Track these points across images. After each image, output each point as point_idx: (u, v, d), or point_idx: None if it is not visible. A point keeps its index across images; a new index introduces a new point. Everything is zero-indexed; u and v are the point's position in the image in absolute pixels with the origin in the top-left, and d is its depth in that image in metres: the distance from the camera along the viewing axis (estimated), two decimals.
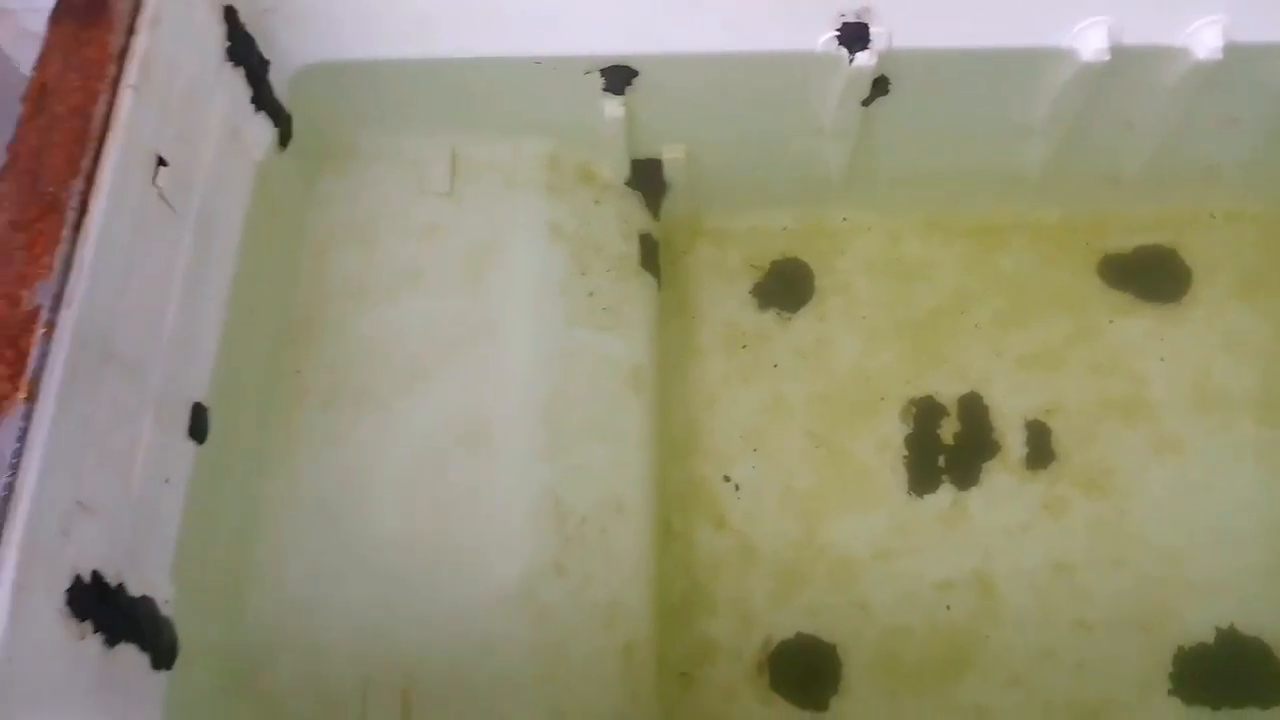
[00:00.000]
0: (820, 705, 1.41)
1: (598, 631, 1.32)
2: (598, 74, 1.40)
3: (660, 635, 1.42)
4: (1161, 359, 1.58)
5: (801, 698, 1.42)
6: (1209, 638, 1.42)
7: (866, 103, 1.42)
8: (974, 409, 1.56)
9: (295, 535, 1.31)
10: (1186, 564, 1.45)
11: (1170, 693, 1.39)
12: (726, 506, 1.52)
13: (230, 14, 1.26)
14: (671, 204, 1.64)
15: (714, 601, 1.47)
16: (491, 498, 1.34)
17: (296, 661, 1.26)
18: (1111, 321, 1.60)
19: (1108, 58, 1.31)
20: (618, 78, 1.40)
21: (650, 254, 1.59)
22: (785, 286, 1.66)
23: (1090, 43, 1.31)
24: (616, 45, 1.37)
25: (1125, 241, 1.65)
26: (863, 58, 1.33)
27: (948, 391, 1.57)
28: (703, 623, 1.46)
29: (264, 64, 1.33)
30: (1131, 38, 1.33)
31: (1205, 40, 1.31)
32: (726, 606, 1.46)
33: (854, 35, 1.32)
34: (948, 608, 1.45)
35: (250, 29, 1.30)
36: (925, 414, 1.56)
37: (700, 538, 1.50)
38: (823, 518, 1.50)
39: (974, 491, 1.51)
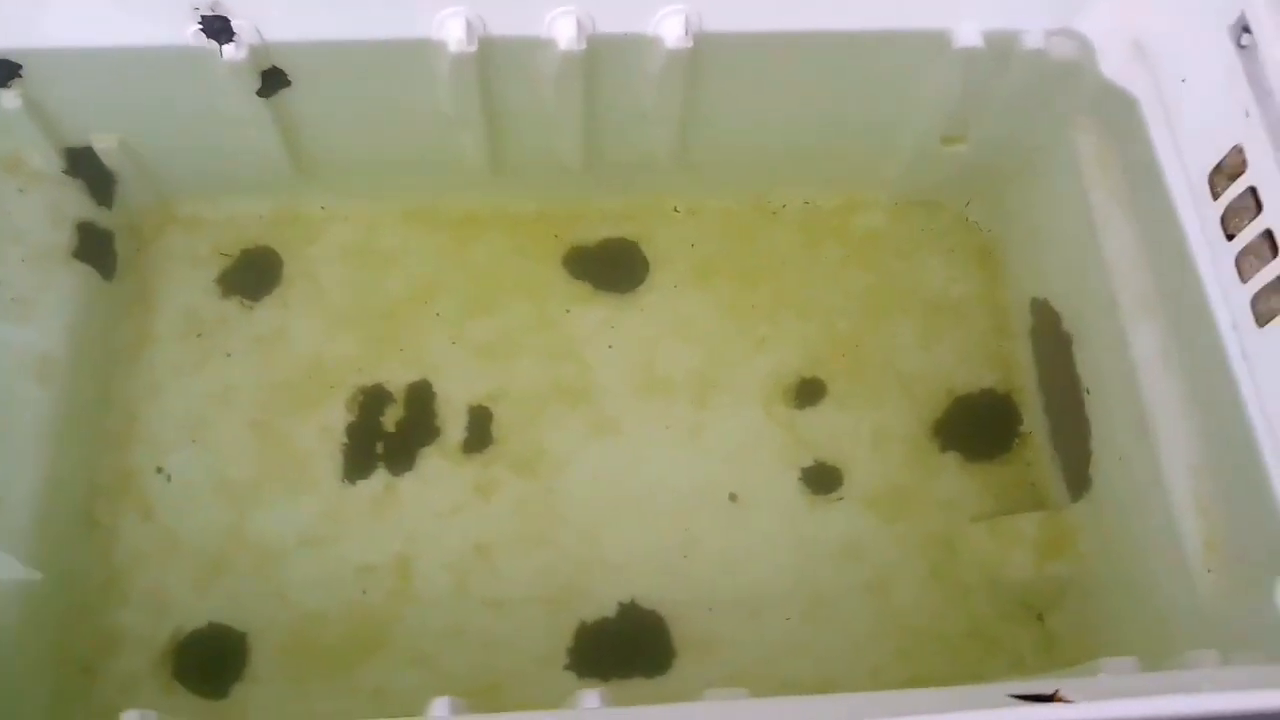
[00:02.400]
0: (220, 693, 1.41)
1: None
2: None
3: (67, 629, 1.40)
4: (610, 346, 1.64)
5: (202, 686, 1.42)
6: (611, 612, 1.48)
7: (265, 94, 1.43)
8: (421, 396, 1.59)
9: None
10: (603, 542, 1.52)
11: (566, 667, 1.45)
12: (156, 497, 1.51)
13: None
14: (128, 192, 1.61)
15: (129, 593, 1.45)
16: None
17: None
18: (569, 311, 1.66)
19: (472, 49, 1.35)
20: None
21: (93, 242, 1.56)
22: (252, 274, 1.65)
23: (453, 33, 1.35)
24: None
25: (592, 234, 1.71)
26: (230, 50, 1.34)
27: (398, 380, 1.60)
28: (114, 614, 1.44)
29: None
30: (605, 26, 1.37)
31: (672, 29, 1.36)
32: (141, 598, 1.45)
33: (217, 28, 1.33)
34: (364, 592, 1.47)
35: None
36: (371, 402, 1.58)
37: (125, 528, 1.49)
38: (254, 507, 1.51)
39: (407, 476, 1.54)
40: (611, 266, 1.70)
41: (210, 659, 1.43)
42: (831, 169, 1.70)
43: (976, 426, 1.60)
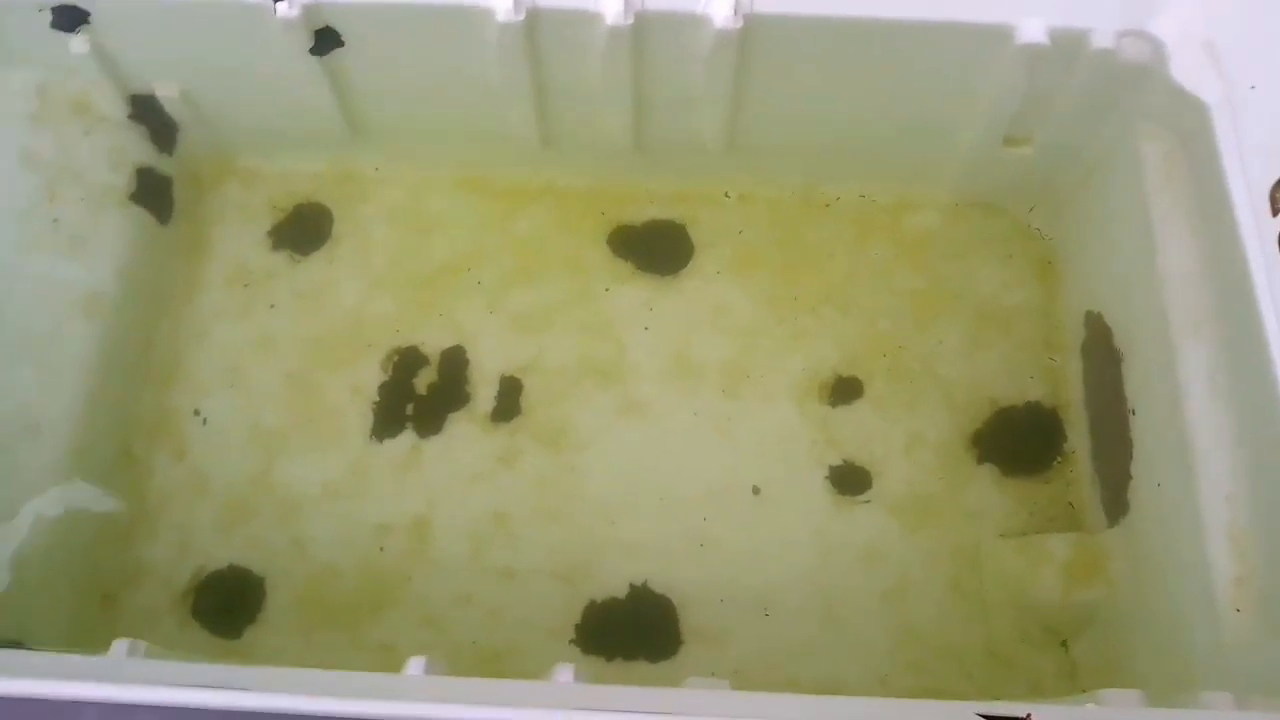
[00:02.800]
0: (234, 634, 1.45)
1: None
2: (49, 12, 1.42)
3: (93, 558, 1.45)
4: (646, 327, 1.63)
5: (217, 625, 1.45)
6: (622, 593, 1.47)
7: (318, 52, 1.45)
8: (455, 362, 1.60)
9: None
10: (621, 523, 1.51)
11: (571, 642, 1.44)
12: (191, 439, 1.55)
13: None
14: (189, 141, 1.65)
15: (157, 529, 1.50)
16: None
17: None
18: (608, 289, 1.65)
19: (520, 18, 1.35)
20: (67, 17, 1.43)
21: (151, 187, 1.61)
22: (303, 230, 1.68)
23: (501, 1, 1.35)
24: None
25: (640, 214, 1.70)
26: (283, 8, 1.36)
27: (434, 344, 1.61)
28: (141, 548, 1.49)
29: None
30: (654, 2, 1.36)
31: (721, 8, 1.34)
32: (169, 534, 1.50)
33: None
34: (381, 549, 1.49)
35: None
36: (405, 363, 1.59)
37: (158, 466, 1.53)
38: (282, 456, 1.54)
39: (434, 439, 1.55)
40: (656, 248, 1.68)
41: (228, 600, 1.46)
42: (888, 164, 1.66)
43: (1017, 440, 1.54)
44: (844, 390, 1.58)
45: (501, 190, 1.71)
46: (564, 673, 0.97)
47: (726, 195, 1.70)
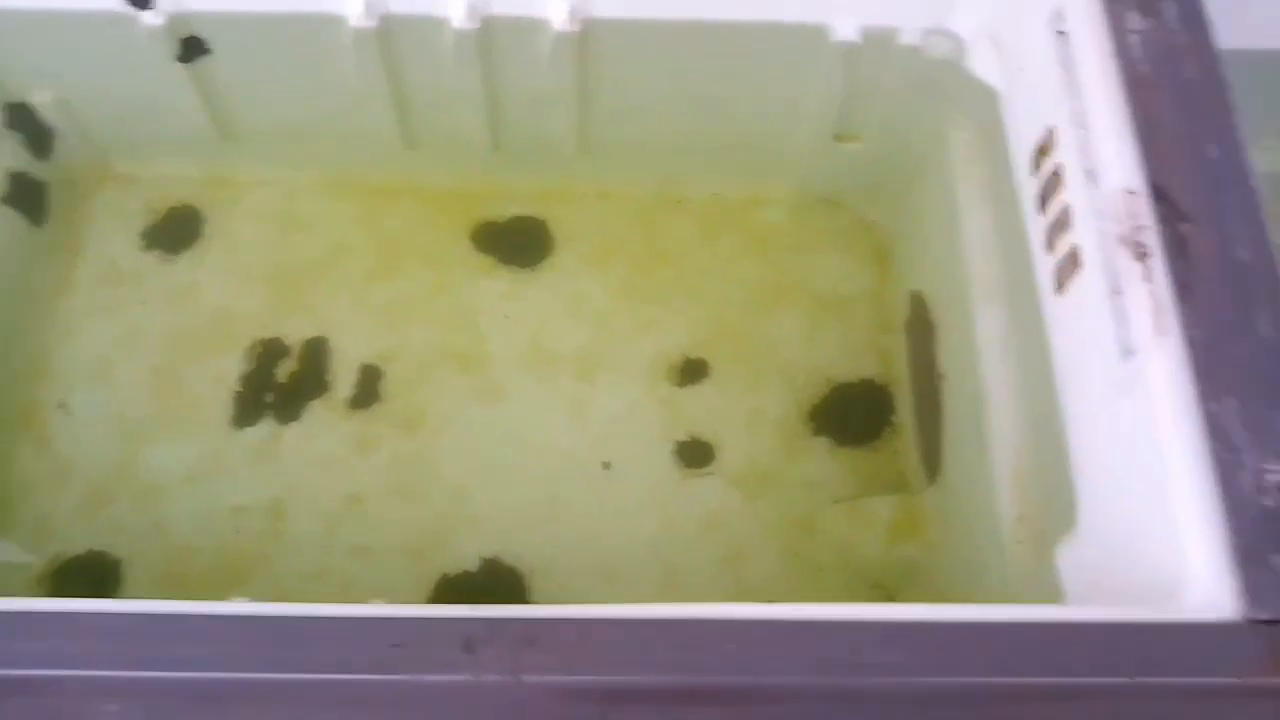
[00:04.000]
0: None
1: None
2: None
3: None
4: (506, 317, 1.70)
5: None
6: (474, 566, 1.53)
7: (185, 60, 1.52)
8: (316, 352, 1.66)
9: None
10: (474, 499, 1.57)
11: None
12: (54, 430, 1.59)
13: None
14: (67, 147, 1.71)
15: (17, 520, 1.53)
16: None
17: None
18: (470, 282, 1.73)
19: (372, 24, 1.44)
20: None
21: (25, 191, 1.66)
22: (175, 231, 1.74)
23: (352, 8, 1.44)
24: None
25: (503, 210, 1.79)
26: (149, 17, 1.44)
27: (296, 335, 1.67)
28: None
29: None
30: (499, 7, 1.45)
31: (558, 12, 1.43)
32: (27, 523, 1.53)
33: None
34: (237, 530, 1.53)
35: None
36: (267, 353, 1.65)
37: (19, 457, 1.57)
38: (145, 444, 1.58)
39: (293, 426, 1.61)
40: (518, 243, 1.76)
41: (86, 583, 1.49)
42: (737, 163, 1.76)
43: (851, 414, 1.64)
44: (691, 372, 1.67)
45: (368, 190, 1.79)
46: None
47: (586, 194, 1.80)
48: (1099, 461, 1.03)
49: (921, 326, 1.56)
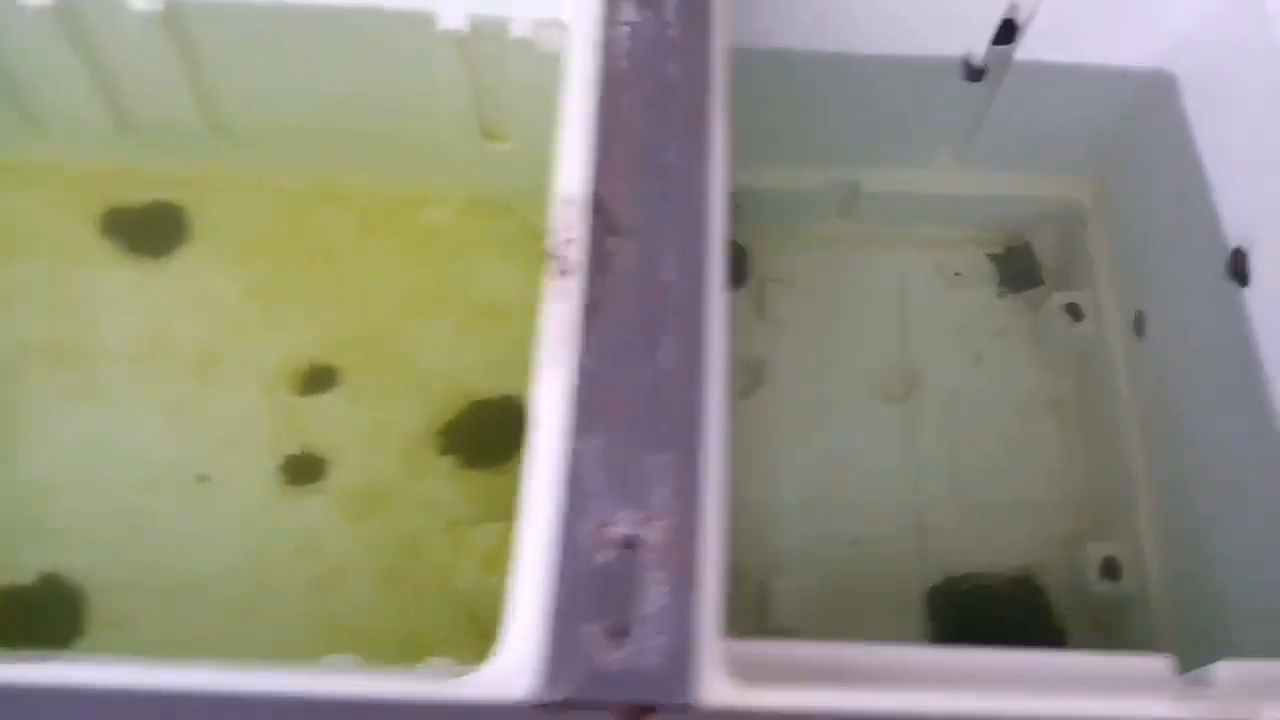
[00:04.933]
0: None
1: None
2: None
3: None
4: (124, 309, 1.57)
5: None
6: (28, 580, 1.38)
7: None
8: None
9: None
10: (49, 508, 1.42)
11: None
12: None
13: None
14: None
15: None
16: None
17: None
18: (89, 270, 1.59)
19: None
20: None
21: None
22: None
23: None
24: None
25: (139, 196, 1.65)
26: None
27: None
28: None
29: None
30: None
31: None
32: None
33: None
34: None
35: None
36: None
37: None
38: None
39: None
40: (150, 231, 1.62)
41: None
42: (398, 158, 1.64)
43: (484, 432, 1.53)
44: (317, 380, 1.55)
45: None
46: None
47: (234, 183, 1.66)
48: None
49: None
